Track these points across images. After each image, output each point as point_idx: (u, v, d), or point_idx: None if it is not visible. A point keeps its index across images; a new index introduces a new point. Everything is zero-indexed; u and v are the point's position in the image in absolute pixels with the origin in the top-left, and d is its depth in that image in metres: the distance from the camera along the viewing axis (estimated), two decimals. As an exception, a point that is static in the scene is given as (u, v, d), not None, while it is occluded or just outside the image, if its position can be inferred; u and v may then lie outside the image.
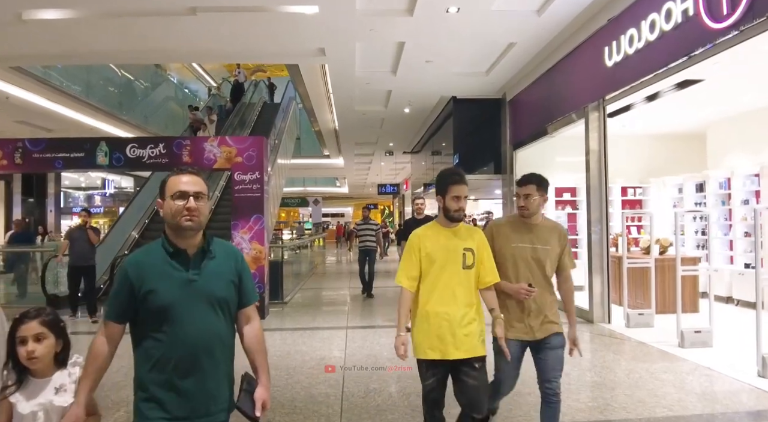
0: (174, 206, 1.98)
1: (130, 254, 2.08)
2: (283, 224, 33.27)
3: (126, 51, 9.38)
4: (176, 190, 2.00)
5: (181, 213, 1.97)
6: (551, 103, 9.13)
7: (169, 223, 2.02)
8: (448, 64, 9.72)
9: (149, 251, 2.05)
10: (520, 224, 3.30)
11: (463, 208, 2.96)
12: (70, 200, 32.91)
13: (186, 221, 1.97)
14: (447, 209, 2.98)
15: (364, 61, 9.58)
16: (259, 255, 8.36)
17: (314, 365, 5.63)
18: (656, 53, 6.17)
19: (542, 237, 3.25)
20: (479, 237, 3.07)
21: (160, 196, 2.06)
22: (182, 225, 1.98)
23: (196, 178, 2.05)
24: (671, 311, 8.02)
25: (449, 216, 2.98)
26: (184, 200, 1.99)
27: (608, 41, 7.09)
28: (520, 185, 3.32)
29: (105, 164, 8.72)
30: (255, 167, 8.45)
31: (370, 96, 12.09)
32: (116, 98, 16.48)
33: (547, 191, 3.30)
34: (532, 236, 3.25)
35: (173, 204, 1.99)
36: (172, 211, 1.98)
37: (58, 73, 12.98)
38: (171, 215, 1.99)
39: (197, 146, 8.61)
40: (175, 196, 1.99)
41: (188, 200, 1.98)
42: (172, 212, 1.98)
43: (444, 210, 3.01)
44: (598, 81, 7.54)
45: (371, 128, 15.53)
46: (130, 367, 2.12)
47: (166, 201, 2.01)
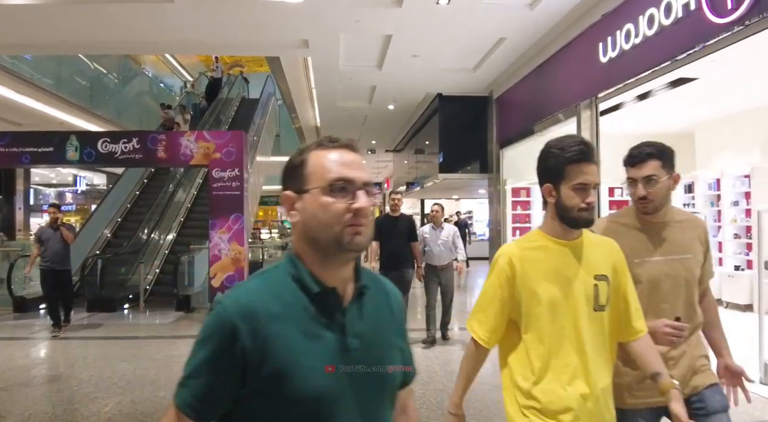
0: (332, 206, 1.10)
1: (234, 292, 1.12)
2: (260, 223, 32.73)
3: (99, 41, 8.90)
4: (335, 176, 1.12)
5: (343, 220, 1.10)
6: (540, 101, 8.93)
7: (316, 236, 1.12)
8: (435, 60, 9.45)
9: (270, 287, 1.12)
10: (641, 226, 2.15)
11: (592, 204, 1.75)
12: (40, 197, 31.97)
13: (354, 236, 1.11)
14: (565, 207, 1.74)
15: (348, 54, 9.25)
16: (238, 257, 8.00)
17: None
18: (654, 49, 5.98)
19: (679, 242, 2.13)
20: (616, 254, 1.85)
21: (288, 185, 1.17)
22: (346, 243, 1.10)
23: (359, 156, 1.19)
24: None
25: (570, 219, 1.74)
26: (348, 197, 1.12)
27: (603, 37, 6.90)
28: (633, 165, 2.15)
29: (75, 159, 8.28)
30: (234, 163, 8.10)
31: (354, 92, 11.77)
32: (88, 92, 15.96)
33: (674, 167, 2.14)
34: (664, 242, 2.12)
35: (329, 203, 1.11)
36: (327, 214, 1.10)
37: (27, 64, 12.46)
38: (326, 222, 1.10)
39: (173, 141, 8.22)
40: (334, 187, 1.11)
41: (355, 196, 1.12)
42: (327, 216, 1.10)
43: (560, 209, 1.76)
44: (591, 78, 7.35)
45: (354, 125, 15.22)
46: (101, 377, 1.77)
47: (310, 196, 1.13)
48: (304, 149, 1.19)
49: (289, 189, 1.17)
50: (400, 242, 6.50)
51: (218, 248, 7.96)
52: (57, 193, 31.83)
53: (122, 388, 4.86)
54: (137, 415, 4.23)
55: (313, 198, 1.12)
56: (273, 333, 1.06)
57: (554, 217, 1.79)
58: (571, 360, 1.70)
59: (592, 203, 1.73)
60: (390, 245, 6.49)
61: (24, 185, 22.41)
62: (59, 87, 13.75)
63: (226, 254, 7.95)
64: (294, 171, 1.17)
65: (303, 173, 1.15)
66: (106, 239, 11.70)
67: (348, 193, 1.11)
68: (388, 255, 6.54)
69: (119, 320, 8.63)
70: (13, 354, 6.36)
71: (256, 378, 1.05)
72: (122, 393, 4.72)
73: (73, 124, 14.00)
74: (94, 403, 4.46)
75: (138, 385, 4.94)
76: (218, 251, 7.96)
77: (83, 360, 5.95)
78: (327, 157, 1.14)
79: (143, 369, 5.52)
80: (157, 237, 11.72)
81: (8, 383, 5.06)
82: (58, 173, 28.97)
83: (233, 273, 7.95)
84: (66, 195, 31.65)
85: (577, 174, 1.72)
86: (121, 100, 18.38)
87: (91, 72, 16.51)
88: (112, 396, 4.66)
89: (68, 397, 4.64)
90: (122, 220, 12.33)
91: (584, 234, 1.81)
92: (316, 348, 1.08)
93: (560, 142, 1.78)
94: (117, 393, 4.72)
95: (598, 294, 1.75)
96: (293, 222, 1.17)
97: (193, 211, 12.43)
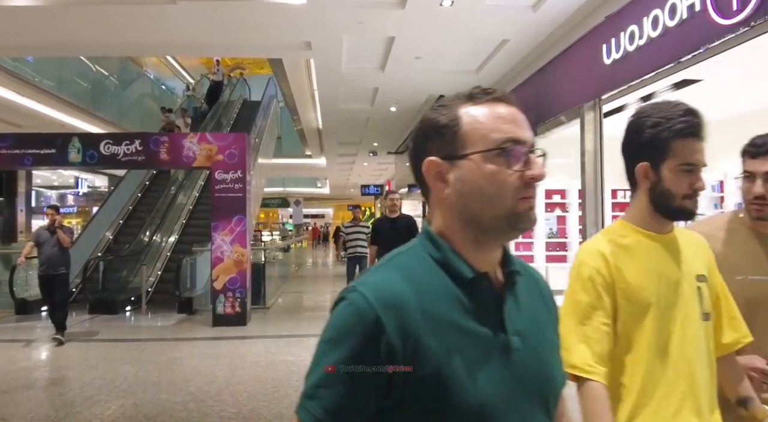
0: (501, 174, 0.89)
1: (367, 278, 0.91)
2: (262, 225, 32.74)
3: (101, 43, 8.90)
4: (504, 136, 0.90)
5: (516, 191, 0.90)
6: (543, 103, 8.91)
7: (477, 212, 0.91)
8: (438, 61, 9.44)
9: (410, 273, 0.90)
10: (750, 235, 1.74)
11: (700, 190, 1.40)
12: (42, 199, 32.00)
13: (529, 211, 0.91)
14: (666, 193, 1.40)
15: (351, 56, 9.24)
16: (241, 258, 7.97)
17: (302, 377, 5.25)
18: (659, 51, 5.97)
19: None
20: (707, 250, 1.53)
21: (431, 150, 0.93)
22: (521, 220, 0.91)
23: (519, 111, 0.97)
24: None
25: (672, 208, 1.40)
26: (518, 162, 0.90)
27: (607, 38, 6.88)
28: (754, 156, 1.82)
29: (78, 161, 8.25)
30: (237, 165, 8.07)
31: (356, 94, 11.75)
32: (89, 94, 15.97)
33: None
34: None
35: (496, 171, 0.89)
36: (496, 185, 0.89)
37: (28, 66, 12.47)
38: (494, 194, 0.89)
39: (175, 143, 8.20)
40: (502, 151, 0.90)
41: (528, 161, 0.91)
42: (496, 187, 0.89)
43: (658, 195, 1.42)
44: (595, 80, 7.33)
45: (356, 127, 15.20)
46: (105, 380, 1.74)
47: (470, 163, 0.90)
48: (449, 104, 0.95)
49: (434, 155, 0.92)
50: (398, 244, 6.03)
51: (220, 250, 7.94)
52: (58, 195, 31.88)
53: (125, 391, 4.84)
54: (140, 418, 4.21)
55: (473, 166, 0.89)
56: (424, 329, 0.84)
57: (647, 204, 1.43)
58: (678, 385, 1.32)
59: (701, 188, 1.40)
60: (387, 248, 6.00)
61: (26, 187, 22.40)
62: (61, 89, 13.76)
63: (229, 256, 7.93)
64: (440, 132, 0.92)
65: (456, 134, 0.91)
66: (108, 241, 11.69)
67: (517, 158, 0.89)
68: None
69: (121, 322, 8.61)
70: (14, 356, 6.33)
71: (405, 385, 0.84)
72: (125, 396, 4.69)
73: (74, 126, 14.01)
74: (97, 406, 4.44)
75: (140, 388, 4.92)
76: (221, 253, 7.94)
77: (85, 363, 5.93)
78: (488, 113, 0.92)
79: (145, 371, 5.50)
80: (159, 239, 11.71)
81: (10, 385, 5.03)
82: (59, 175, 28.98)
83: (235, 275, 7.93)
84: (67, 197, 31.70)
85: (686, 152, 1.38)
86: (122, 103, 18.39)
87: (92, 74, 16.51)
88: (115, 399, 4.63)
89: (70, 400, 4.61)
90: (124, 222, 12.32)
91: (674, 229, 1.47)
92: (476, 349, 0.87)
93: (661, 109, 1.42)
94: (119, 396, 4.69)
95: (703, 300, 1.40)
96: (439, 197, 0.93)
97: (194, 213, 12.42)
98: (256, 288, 9.31)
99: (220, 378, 5.23)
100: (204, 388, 4.90)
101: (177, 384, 5.05)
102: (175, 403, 4.48)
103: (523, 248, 11.06)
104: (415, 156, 0.97)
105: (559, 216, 11.14)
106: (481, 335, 0.88)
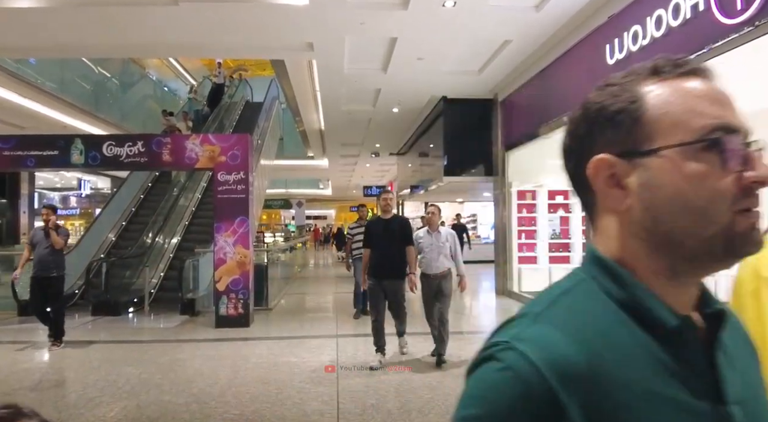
0: (710, 178, 0.62)
1: (527, 331, 0.62)
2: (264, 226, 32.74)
3: (103, 44, 8.91)
4: (712, 123, 0.63)
5: (733, 201, 0.62)
6: (546, 103, 8.89)
7: (677, 232, 0.64)
8: (440, 62, 9.43)
9: (583, 319, 0.63)
10: None
11: None
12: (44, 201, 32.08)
13: (752, 230, 0.63)
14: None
15: (353, 57, 9.24)
16: (244, 260, 7.96)
17: (305, 378, 5.26)
18: (662, 51, 5.88)
19: None
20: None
21: (597, 144, 0.67)
22: (742, 242, 0.63)
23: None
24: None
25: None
26: (733, 160, 0.62)
27: (610, 38, 6.86)
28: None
29: (80, 162, 8.25)
30: (239, 166, 8.07)
31: (358, 95, 11.75)
32: (92, 95, 15.99)
33: None
34: None
35: (703, 173, 0.62)
36: (705, 193, 0.62)
37: (31, 68, 12.50)
38: (701, 206, 0.62)
39: (178, 145, 8.20)
40: (710, 144, 0.62)
41: (747, 158, 0.63)
42: (704, 195, 0.62)
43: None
44: (598, 80, 7.28)
45: (358, 128, 15.20)
46: (107, 381, 1.72)
47: (663, 161, 0.63)
48: (622, 81, 0.69)
49: (604, 151, 0.67)
50: (392, 246, 5.66)
51: (223, 251, 7.93)
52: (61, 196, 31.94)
53: (127, 392, 4.83)
54: (143, 420, 4.19)
55: (668, 165, 0.63)
56: (615, 404, 0.58)
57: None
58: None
59: None
60: (380, 250, 5.70)
61: (29, 188, 22.44)
62: (63, 90, 13.80)
63: (231, 258, 7.92)
64: (614, 119, 0.67)
65: (639, 122, 0.65)
66: (110, 242, 11.69)
67: (733, 153, 0.62)
68: (378, 261, 5.70)
69: (124, 323, 8.60)
70: (17, 358, 6.33)
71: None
72: (128, 398, 4.68)
73: (76, 127, 14.04)
74: (100, 408, 4.43)
75: (143, 389, 4.91)
76: (223, 254, 7.93)
77: (88, 364, 5.92)
78: (684, 90, 0.66)
79: (148, 373, 5.49)
80: (161, 241, 11.71)
81: (13, 387, 5.03)
82: (62, 177, 29.02)
83: (238, 277, 7.92)
84: (70, 199, 31.76)
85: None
86: (124, 104, 18.42)
87: (95, 76, 16.54)
88: (118, 400, 4.62)
89: (73, 402, 4.60)
90: (127, 224, 12.32)
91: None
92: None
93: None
94: (122, 398, 4.68)
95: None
96: (615, 209, 0.67)
97: (197, 215, 12.41)
98: (259, 290, 9.29)
99: (222, 380, 5.22)
100: (207, 390, 4.88)
101: (180, 385, 5.03)
102: (177, 405, 4.47)
103: (526, 249, 11.04)
104: (573, 155, 0.71)
105: (562, 217, 11.11)
106: (696, 410, 0.61)
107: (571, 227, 11.04)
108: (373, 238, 5.79)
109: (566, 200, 10.98)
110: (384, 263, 5.68)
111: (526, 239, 11.11)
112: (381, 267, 5.69)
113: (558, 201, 10.99)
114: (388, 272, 5.67)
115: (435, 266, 5.67)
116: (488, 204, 23.94)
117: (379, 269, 5.70)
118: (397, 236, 5.71)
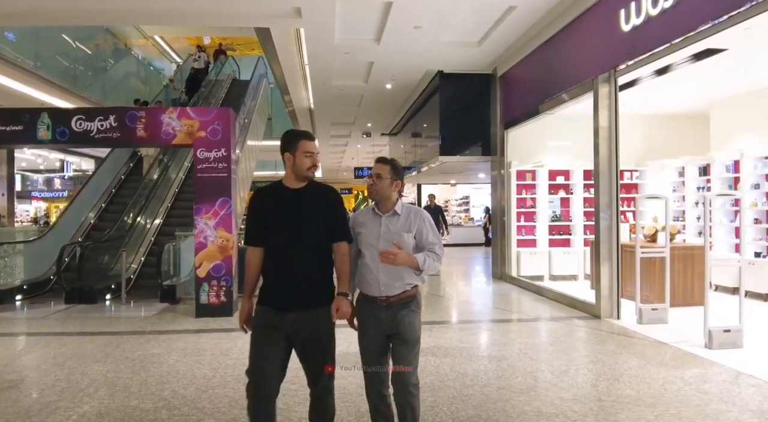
0: None
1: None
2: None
3: (74, 10, 8.21)
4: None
5: None
6: (551, 77, 8.31)
7: None
8: (437, 32, 8.79)
9: None
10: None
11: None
12: (27, 183, 31.19)
13: None
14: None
15: (344, 26, 8.58)
16: (226, 244, 7.37)
17: (292, 376, 4.69)
18: (686, 14, 5.36)
19: None
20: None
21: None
22: None
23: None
24: (679, 305, 7.43)
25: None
26: None
27: (626, 2, 6.27)
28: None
29: (47, 138, 7.59)
30: (221, 142, 7.44)
31: (350, 69, 11.10)
32: (71, 72, 15.24)
33: None
34: None
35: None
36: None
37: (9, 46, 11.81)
38: None
39: (154, 119, 7.55)
40: None
41: None
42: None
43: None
44: (610, 49, 6.73)
45: (349, 106, 14.55)
46: (69, 382, 1.18)
47: None
48: None
49: None
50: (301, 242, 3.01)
51: (204, 234, 7.34)
52: (45, 179, 31.07)
53: (90, 396, 4.27)
54: (103, 430, 3.65)
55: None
56: None
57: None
58: None
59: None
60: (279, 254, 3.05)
61: (7, 170, 21.60)
62: (41, 67, 13.10)
63: (213, 242, 7.33)
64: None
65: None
66: (89, 225, 11.07)
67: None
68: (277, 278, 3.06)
69: (99, 312, 8.01)
70: (-25, 353, 5.73)
71: None
72: (89, 402, 4.12)
73: (55, 105, 13.32)
74: (55, 415, 3.87)
75: (108, 392, 4.35)
76: (204, 238, 7.34)
77: (51, 360, 5.35)
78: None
79: (117, 371, 4.93)
80: (142, 223, 11.10)
81: (-38, 389, 4.45)
82: (45, 159, 28.18)
83: (220, 262, 7.34)
84: (54, 181, 30.91)
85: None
86: (107, 82, 17.64)
87: (74, 52, 15.79)
88: (78, 405, 4.06)
89: (25, 408, 4.03)
90: (106, 205, 11.70)
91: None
92: None
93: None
94: (83, 402, 4.13)
95: None
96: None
97: (179, 197, 11.81)
98: (243, 276, 8.70)
99: (199, 380, 4.67)
100: (180, 392, 4.34)
101: (150, 387, 4.48)
102: (144, 411, 3.92)
103: (525, 232, 10.53)
104: None
105: (562, 198, 10.60)
106: None
107: (572, 209, 10.53)
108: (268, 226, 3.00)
109: (567, 180, 10.46)
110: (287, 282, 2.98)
111: (525, 221, 10.60)
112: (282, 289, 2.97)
113: (559, 181, 10.47)
114: (296, 299, 2.94)
115: (384, 280, 3.03)
116: (481, 186, 23.39)
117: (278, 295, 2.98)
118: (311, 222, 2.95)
